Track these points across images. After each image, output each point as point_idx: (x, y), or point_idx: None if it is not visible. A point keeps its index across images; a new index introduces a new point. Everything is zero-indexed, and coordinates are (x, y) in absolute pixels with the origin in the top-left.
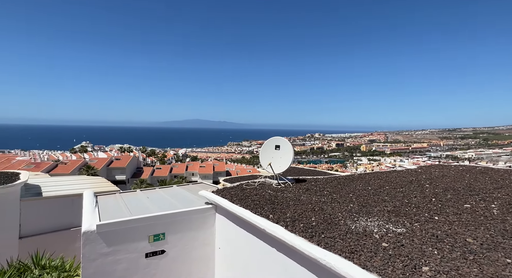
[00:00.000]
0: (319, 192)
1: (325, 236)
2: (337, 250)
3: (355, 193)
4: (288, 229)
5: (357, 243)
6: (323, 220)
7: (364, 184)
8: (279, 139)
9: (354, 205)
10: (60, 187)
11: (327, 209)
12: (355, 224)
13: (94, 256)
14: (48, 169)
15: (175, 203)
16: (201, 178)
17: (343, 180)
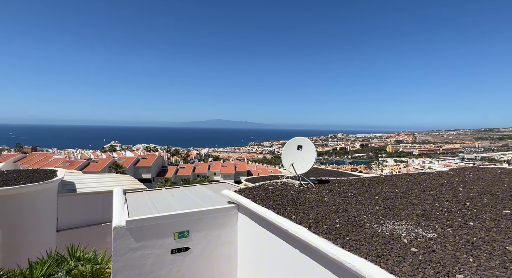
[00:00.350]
0: (343, 193)
1: (349, 238)
2: (363, 253)
3: (381, 195)
4: (312, 230)
5: (384, 247)
6: (348, 222)
7: (391, 186)
8: (301, 139)
9: (380, 207)
10: (92, 184)
11: (351, 211)
12: (382, 227)
13: (124, 250)
14: (81, 167)
15: (198, 201)
16: (222, 178)
17: (368, 182)
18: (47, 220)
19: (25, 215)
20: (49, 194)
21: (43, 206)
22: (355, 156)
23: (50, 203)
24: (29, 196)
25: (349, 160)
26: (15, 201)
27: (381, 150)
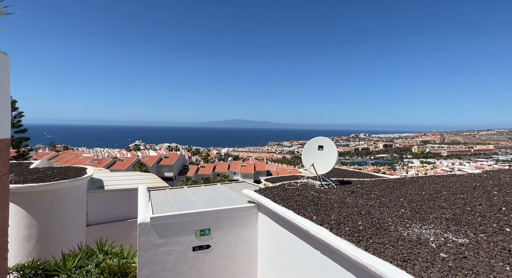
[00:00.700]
0: (366, 195)
1: (373, 241)
2: (388, 257)
3: (406, 197)
4: (333, 231)
5: (411, 251)
6: (371, 224)
7: (417, 188)
8: (322, 139)
9: (406, 210)
10: (118, 181)
11: (375, 213)
12: (408, 230)
13: (148, 246)
14: (108, 165)
15: (219, 200)
16: (242, 177)
17: (393, 183)
18: (78, 215)
19: (58, 209)
20: (80, 190)
21: (75, 202)
22: (378, 157)
23: (80, 198)
24: (62, 191)
25: (372, 161)
26: (50, 196)
27: (406, 150)
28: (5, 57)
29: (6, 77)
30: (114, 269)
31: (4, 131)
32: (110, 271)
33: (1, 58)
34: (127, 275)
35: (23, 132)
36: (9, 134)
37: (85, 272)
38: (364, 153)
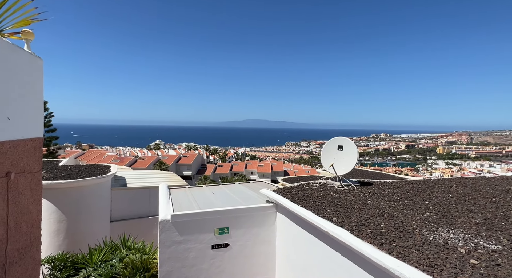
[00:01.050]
0: (388, 196)
1: (397, 244)
2: (413, 261)
3: (432, 200)
4: (354, 233)
5: (437, 256)
6: (394, 227)
7: (444, 191)
8: (342, 139)
9: (432, 213)
10: (140, 179)
11: (398, 215)
12: (434, 234)
13: (169, 243)
14: (130, 163)
15: (237, 199)
16: (259, 177)
17: (417, 185)
18: (103, 211)
19: (85, 205)
20: (105, 187)
21: (100, 198)
22: (400, 158)
23: (105, 195)
24: (89, 188)
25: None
26: (77, 192)
27: (430, 151)
28: (39, 61)
29: (39, 80)
30: (137, 264)
31: (38, 130)
32: (133, 266)
33: (35, 62)
34: (149, 271)
35: (53, 132)
36: (42, 133)
37: (109, 266)
38: (385, 153)
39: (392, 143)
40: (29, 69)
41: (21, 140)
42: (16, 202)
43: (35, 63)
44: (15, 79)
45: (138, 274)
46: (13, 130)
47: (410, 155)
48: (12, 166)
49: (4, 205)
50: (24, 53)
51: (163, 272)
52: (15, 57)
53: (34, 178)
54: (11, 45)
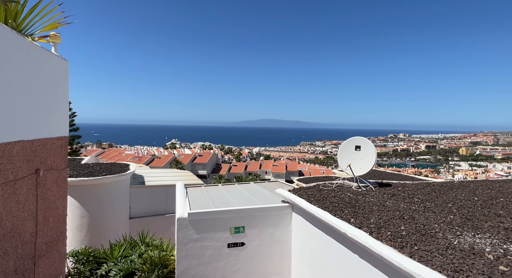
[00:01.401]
0: (408, 198)
1: (419, 248)
2: (436, 266)
3: (455, 203)
4: (373, 235)
5: (463, 261)
6: (415, 230)
7: (468, 193)
8: (360, 139)
9: (455, 216)
10: (157, 177)
11: (419, 218)
12: (458, 239)
13: (186, 240)
14: (147, 162)
15: (253, 198)
16: (273, 177)
17: (439, 187)
18: (122, 208)
19: (106, 202)
20: (124, 185)
21: (119, 195)
22: (420, 158)
23: (124, 193)
24: (109, 186)
25: (412, 163)
26: (98, 189)
27: (452, 152)
28: (65, 63)
29: (65, 81)
30: (155, 260)
31: (64, 130)
32: (152, 262)
33: (61, 63)
34: (166, 267)
35: (76, 131)
36: (67, 132)
37: (129, 261)
38: (404, 154)
39: (411, 143)
40: (56, 71)
41: (49, 138)
42: (44, 198)
43: (62, 65)
44: (43, 80)
45: (157, 270)
46: (42, 129)
47: (430, 155)
48: (40, 163)
49: (34, 200)
50: (52, 56)
51: (180, 269)
52: (44, 59)
53: (60, 175)
54: (40, 48)
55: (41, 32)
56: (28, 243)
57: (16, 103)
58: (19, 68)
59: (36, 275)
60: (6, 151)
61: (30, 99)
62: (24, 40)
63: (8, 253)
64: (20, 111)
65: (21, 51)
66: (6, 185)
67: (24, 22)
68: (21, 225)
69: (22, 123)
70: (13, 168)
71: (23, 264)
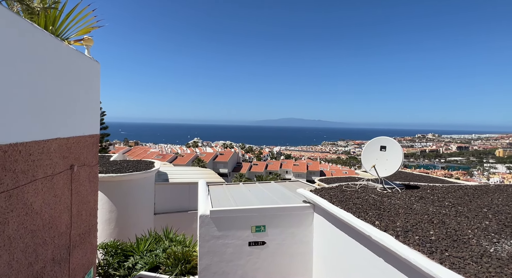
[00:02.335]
0: (438, 202)
1: (450, 254)
2: (470, 274)
3: (491, 208)
4: (400, 239)
5: (501, 270)
6: (446, 235)
7: (506, 198)
8: (385, 139)
9: (492, 222)
10: (180, 175)
11: (450, 223)
12: (495, 246)
13: (208, 237)
14: (171, 160)
15: (274, 198)
16: (294, 176)
17: (472, 191)
18: (147, 204)
19: (132, 197)
20: (149, 182)
21: (145, 191)
22: (450, 160)
23: (149, 189)
24: (135, 182)
25: (442, 164)
26: (126, 185)
27: (487, 153)
28: (97, 65)
29: (97, 82)
30: (179, 255)
31: (95, 128)
32: (175, 257)
33: (93, 65)
34: (189, 263)
35: (105, 129)
36: (99, 130)
37: (154, 255)
38: (433, 155)
39: (441, 144)
40: (89, 72)
41: (82, 136)
42: (78, 192)
43: (94, 67)
44: (78, 81)
45: (180, 265)
46: (76, 127)
47: (462, 157)
48: (75, 160)
49: (69, 194)
50: (85, 58)
51: (203, 265)
52: (78, 62)
53: (92, 171)
54: (75, 51)
55: (76, 36)
56: (63, 234)
57: (53, 103)
58: (57, 71)
59: (70, 264)
60: (45, 147)
61: (66, 100)
62: (62, 44)
63: (47, 242)
64: (56, 111)
65: (59, 55)
66: (45, 179)
67: (61, 27)
68: (58, 217)
69: (58, 122)
70: (51, 164)
71: (59, 253)
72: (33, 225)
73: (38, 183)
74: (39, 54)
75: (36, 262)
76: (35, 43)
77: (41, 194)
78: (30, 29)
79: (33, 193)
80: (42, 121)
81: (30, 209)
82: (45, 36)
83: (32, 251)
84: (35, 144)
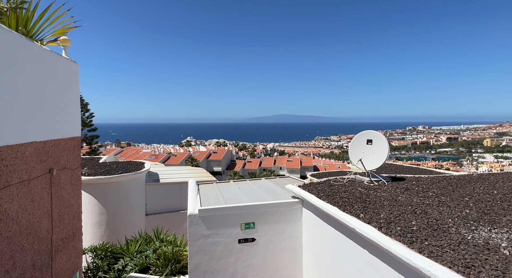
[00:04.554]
0: (422, 192)
1: (429, 243)
2: (446, 261)
3: (473, 196)
4: (382, 231)
5: (476, 257)
6: (427, 225)
7: (488, 187)
8: (371, 132)
9: (472, 211)
10: (172, 175)
11: (432, 213)
12: (473, 233)
13: (197, 236)
14: (164, 160)
15: (263, 195)
16: (288, 172)
17: (456, 180)
18: (138, 205)
19: (123, 199)
20: (139, 183)
21: (136, 193)
22: (440, 151)
23: (140, 190)
24: (125, 183)
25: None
26: (115, 187)
27: (475, 144)
28: (75, 65)
29: (76, 83)
30: (169, 256)
31: (75, 130)
32: (165, 257)
33: (71, 66)
34: (179, 262)
35: (94, 131)
36: (80, 133)
37: (144, 256)
38: (423, 147)
39: (431, 136)
40: (66, 73)
41: (61, 139)
42: (59, 196)
43: (72, 67)
44: (54, 83)
45: (170, 265)
46: (54, 130)
47: (452, 148)
48: (54, 163)
49: (49, 198)
50: (62, 59)
51: (193, 264)
52: (54, 63)
53: (74, 174)
54: (50, 52)
55: (52, 36)
56: (44, 239)
57: (28, 106)
58: (29, 72)
59: (53, 269)
60: (19, 151)
61: (41, 102)
62: (34, 45)
63: (25, 248)
64: (32, 114)
65: (30, 56)
66: (20, 185)
67: (35, 28)
68: (37, 222)
69: (34, 125)
70: (27, 168)
71: (40, 259)
72: (9, 231)
73: (13, 188)
74: (7, 56)
75: (14, 269)
76: (2, 44)
77: (16, 199)
78: None
79: (7, 198)
80: (15, 125)
81: (4, 215)
82: (14, 37)
83: (8, 258)
84: (8, 148)
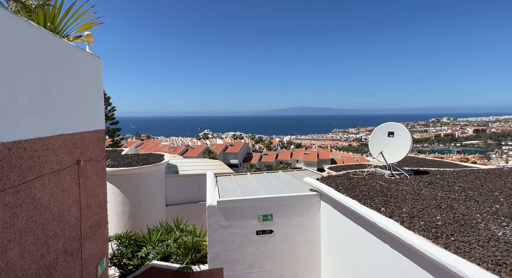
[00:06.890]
0: (448, 187)
1: (455, 239)
2: (475, 258)
3: (503, 191)
4: (405, 225)
5: (507, 254)
6: (453, 220)
7: None
8: (393, 124)
9: (502, 206)
10: (190, 167)
11: (458, 207)
12: (503, 230)
13: (216, 227)
14: (182, 152)
15: (281, 187)
16: (305, 165)
17: (484, 174)
18: (159, 196)
19: (144, 190)
20: (159, 174)
21: (156, 184)
22: (466, 144)
23: (160, 181)
24: (146, 175)
25: (458, 148)
26: (137, 178)
27: (505, 136)
28: (98, 60)
29: (99, 77)
30: (189, 245)
31: (100, 123)
32: (186, 247)
33: (94, 61)
34: (199, 252)
35: (116, 124)
36: (104, 125)
37: (165, 245)
38: (448, 139)
39: (457, 128)
40: (90, 68)
41: (87, 131)
42: (86, 186)
43: (96, 62)
44: (80, 77)
45: (190, 254)
46: (80, 123)
47: (479, 140)
48: (81, 155)
49: (77, 188)
50: (86, 54)
51: (212, 254)
52: (79, 58)
53: (99, 165)
54: (75, 48)
55: (77, 33)
56: (74, 227)
57: (56, 100)
58: (57, 67)
59: (83, 255)
60: (50, 143)
61: (69, 96)
62: (62, 41)
63: (58, 235)
64: (60, 107)
65: (58, 52)
66: (52, 175)
67: (61, 24)
68: (67, 210)
69: (62, 118)
70: (57, 159)
71: (71, 245)
72: (43, 218)
73: (45, 178)
74: (38, 52)
75: (48, 254)
76: (34, 41)
77: (48, 188)
78: (27, 27)
79: (41, 188)
80: (46, 119)
81: (38, 203)
82: (43, 34)
83: (43, 243)
84: (40, 140)
